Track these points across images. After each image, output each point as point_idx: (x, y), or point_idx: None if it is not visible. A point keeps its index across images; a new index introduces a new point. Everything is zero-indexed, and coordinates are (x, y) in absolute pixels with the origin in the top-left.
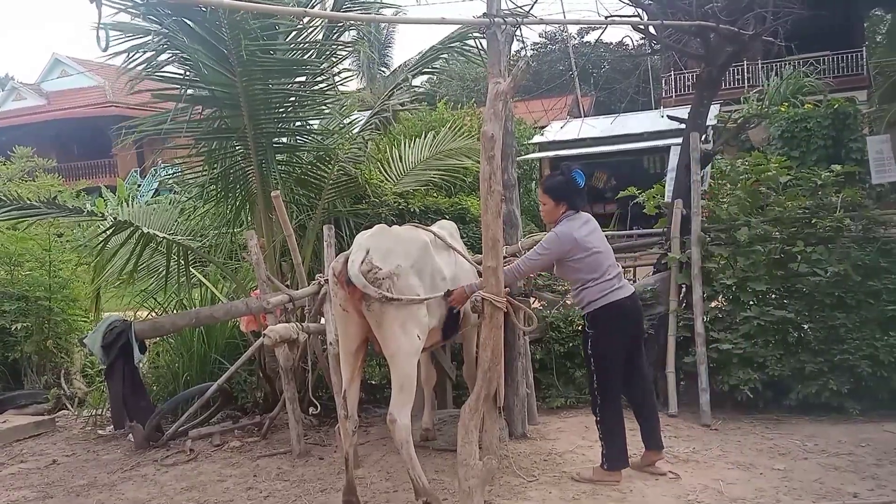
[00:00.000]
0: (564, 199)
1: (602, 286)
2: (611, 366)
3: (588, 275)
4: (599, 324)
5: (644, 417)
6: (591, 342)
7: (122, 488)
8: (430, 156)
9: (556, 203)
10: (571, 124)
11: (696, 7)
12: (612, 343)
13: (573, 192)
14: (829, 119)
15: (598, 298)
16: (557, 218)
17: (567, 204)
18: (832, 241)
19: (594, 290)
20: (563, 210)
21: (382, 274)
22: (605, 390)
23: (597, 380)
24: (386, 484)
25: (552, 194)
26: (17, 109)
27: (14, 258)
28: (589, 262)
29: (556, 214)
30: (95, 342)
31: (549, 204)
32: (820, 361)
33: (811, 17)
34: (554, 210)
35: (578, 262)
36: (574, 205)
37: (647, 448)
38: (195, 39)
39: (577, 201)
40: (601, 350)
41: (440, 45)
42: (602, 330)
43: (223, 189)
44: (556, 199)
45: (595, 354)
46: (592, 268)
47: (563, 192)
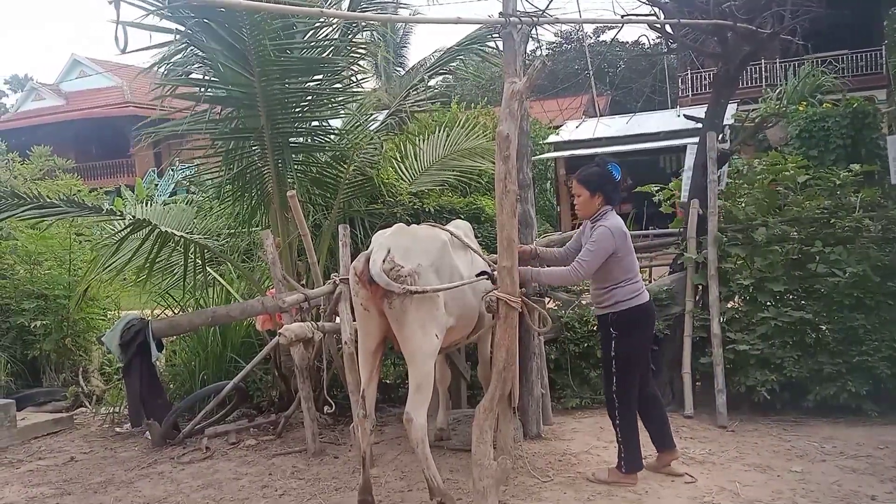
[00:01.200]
0: (600, 191)
1: (633, 287)
2: (632, 368)
3: (623, 274)
4: (625, 326)
5: (651, 420)
6: (614, 343)
7: (139, 485)
8: (445, 155)
9: (592, 195)
10: (587, 124)
11: (714, 5)
12: (636, 346)
13: (609, 184)
14: (847, 118)
15: (628, 300)
16: (595, 212)
17: (603, 196)
18: (851, 242)
19: (625, 291)
20: (600, 203)
21: (404, 272)
22: (625, 393)
23: (617, 382)
24: (400, 483)
25: (587, 185)
26: (36, 109)
27: (34, 257)
28: (627, 262)
29: (591, 207)
30: (113, 340)
31: (584, 195)
32: (838, 363)
33: (830, 16)
34: (589, 202)
35: (619, 260)
36: (610, 198)
37: (660, 450)
38: (215, 39)
39: (613, 195)
40: (624, 352)
41: (457, 48)
42: (627, 332)
43: (239, 189)
44: (591, 191)
45: (618, 356)
46: (627, 268)
47: (598, 183)
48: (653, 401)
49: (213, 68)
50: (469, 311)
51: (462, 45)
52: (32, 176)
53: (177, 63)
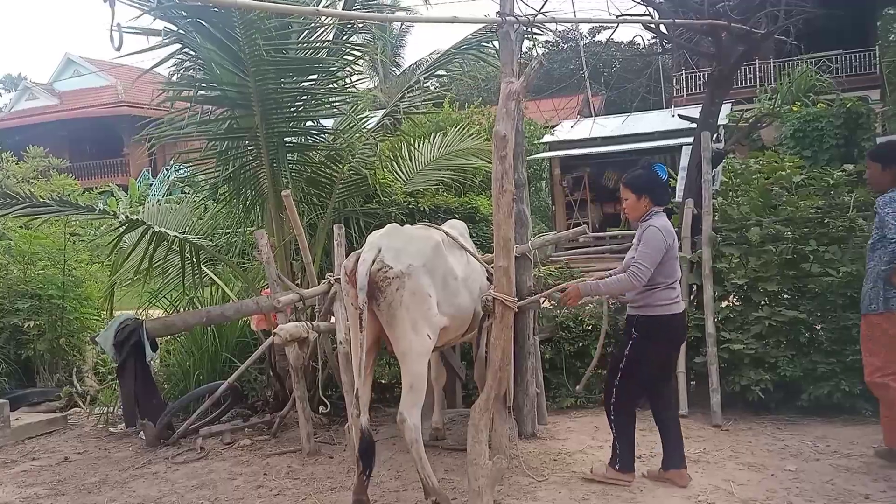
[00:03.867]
0: (646, 192)
1: (668, 293)
2: (641, 374)
3: (662, 278)
4: (648, 331)
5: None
6: (631, 345)
7: (133, 486)
8: (439, 155)
9: (638, 197)
10: (582, 124)
11: (708, 6)
12: (652, 353)
13: (656, 185)
14: (841, 118)
15: (660, 305)
16: (643, 213)
17: (650, 197)
18: (845, 241)
19: (661, 296)
20: (647, 205)
21: (393, 273)
22: (626, 393)
23: (620, 380)
24: (395, 483)
25: (633, 187)
26: (29, 109)
27: (27, 257)
28: (670, 265)
29: (640, 209)
30: (107, 340)
31: (631, 198)
32: (832, 362)
33: (823, 16)
34: (637, 204)
35: (665, 262)
36: (658, 199)
37: (668, 467)
38: (209, 39)
39: (661, 195)
40: (638, 356)
41: (455, 50)
42: (648, 338)
43: (234, 188)
44: (637, 193)
45: (630, 358)
46: (668, 272)
47: (644, 184)
48: (670, 419)
49: (207, 68)
50: (463, 311)
51: (459, 48)
52: (26, 176)
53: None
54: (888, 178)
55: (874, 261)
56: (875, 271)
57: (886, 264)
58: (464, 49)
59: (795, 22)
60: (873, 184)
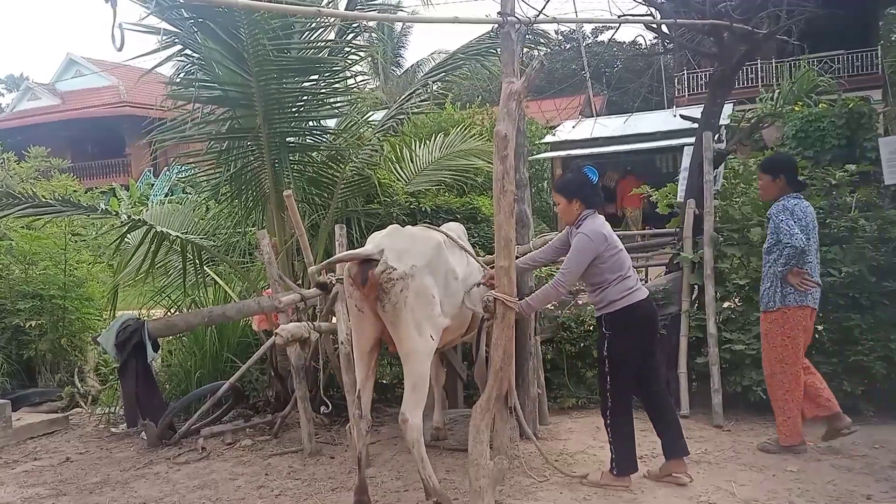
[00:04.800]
0: (577, 196)
1: (623, 286)
2: (626, 369)
3: (611, 274)
4: (617, 325)
5: (663, 424)
6: (607, 344)
7: (134, 486)
8: (441, 156)
9: (569, 201)
10: (583, 124)
11: (710, 6)
12: (629, 346)
13: (585, 189)
14: (843, 118)
15: (619, 299)
16: (576, 218)
17: (581, 201)
18: (847, 242)
19: (615, 290)
20: (579, 208)
21: (397, 274)
22: (617, 394)
23: (610, 382)
24: (397, 483)
25: (563, 192)
26: (31, 109)
27: (29, 257)
28: (613, 262)
29: (571, 213)
30: (109, 340)
31: (563, 203)
32: (834, 362)
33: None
34: (568, 208)
35: (605, 261)
36: (589, 202)
37: (669, 458)
38: (212, 39)
39: (591, 198)
40: (617, 352)
41: (462, 55)
42: (620, 332)
43: (236, 189)
44: (567, 197)
45: (610, 357)
46: (615, 267)
47: (573, 189)
48: (663, 407)
49: (209, 68)
50: (464, 310)
51: (468, 53)
52: (28, 176)
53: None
54: (777, 187)
55: (769, 263)
56: (771, 272)
57: (783, 266)
58: (470, 55)
59: (797, 22)
60: (764, 193)
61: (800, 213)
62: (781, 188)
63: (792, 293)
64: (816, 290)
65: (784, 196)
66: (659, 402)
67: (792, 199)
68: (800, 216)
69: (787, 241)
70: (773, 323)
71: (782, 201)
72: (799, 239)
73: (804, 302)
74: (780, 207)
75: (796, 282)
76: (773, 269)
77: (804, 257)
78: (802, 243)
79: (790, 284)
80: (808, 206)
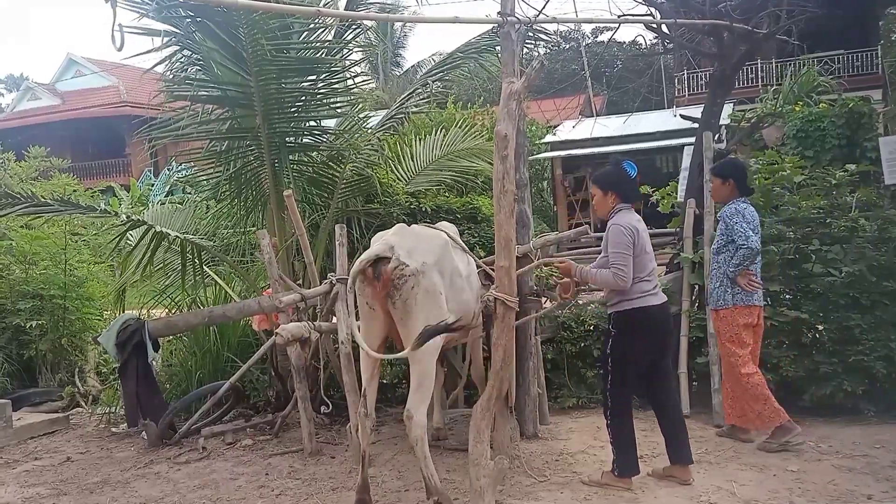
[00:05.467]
0: (613, 189)
1: (638, 287)
2: (627, 370)
3: (634, 273)
4: (625, 326)
5: (671, 429)
6: (611, 343)
7: (135, 486)
8: (441, 156)
9: (605, 193)
10: (584, 124)
11: (710, 5)
12: (634, 348)
13: (623, 182)
14: (843, 118)
15: (632, 299)
16: (610, 210)
17: (617, 194)
18: (847, 242)
19: (634, 289)
20: (614, 201)
21: (409, 271)
22: (618, 394)
23: (611, 382)
24: (397, 483)
25: (600, 184)
26: (32, 109)
27: (29, 256)
28: (639, 261)
29: (606, 205)
30: (109, 340)
31: (598, 194)
32: (834, 362)
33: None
34: (603, 200)
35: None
36: (626, 196)
37: (673, 463)
38: (212, 39)
39: (628, 192)
40: (620, 353)
41: (461, 54)
42: (626, 333)
43: (236, 188)
44: (604, 189)
45: (613, 356)
46: (637, 268)
47: (611, 181)
48: (672, 412)
49: (208, 68)
50: (467, 308)
51: (467, 53)
52: (28, 176)
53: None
54: (727, 190)
55: (719, 262)
56: (721, 272)
57: (735, 266)
58: (469, 54)
59: (797, 22)
60: (715, 196)
61: (749, 216)
62: (731, 191)
63: (740, 293)
64: (761, 289)
65: (734, 199)
66: (668, 407)
67: (742, 203)
68: (749, 219)
69: (743, 242)
70: (722, 321)
71: (733, 204)
72: (754, 241)
73: (751, 301)
74: (733, 210)
75: (744, 282)
76: (723, 269)
77: (758, 258)
78: (757, 245)
79: (738, 285)
80: (754, 209)
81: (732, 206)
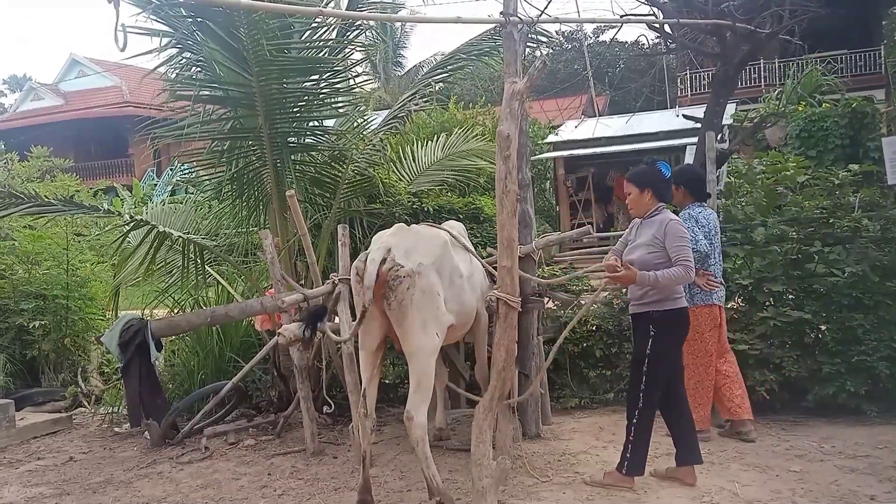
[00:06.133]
0: (648, 187)
1: (678, 287)
2: (664, 371)
3: None
4: (666, 326)
5: (680, 431)
6: (651, 342)
7: (138, 486)
8: (443, 156)
9: (641, 191)
10: (586, 124)
11: (712, 5)
12: (672, 348)
13: (658, 181)
14: (846, 118)
15: (675, 298)
16: (647, 209)
17: (653, 192)
18: (850, 242)
19: (673, 289)
20: (650, 199)
21: (404, 272)
22: (650, 395)
23: (646, 382)
24: (399, 483)
25: (636, 182)
26: (35, 109)
27: (32, 257)
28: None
29: (643, 203)
30: (112, 340)
31: (634, 192)
32: (837, 363)
33: (828, 16)
34: (639, 198)
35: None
36: (661, 195)
37: (680, 464)
38: (213, 39)
39: (663, 191)
40: (660, 353)
41: (464, 55)
42: (667, 332)
43: (238, 188)
44: (640, 188)
45: (653, 356)
46: None
47: (648, 180)
48: (683, 414)
49: (210, 68)
50: (467, 308)
51: (469, 53)
52: (31, 176)
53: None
54: (681, 196)
55: None
56: None
57: None
58: (472, 55)
59: (800, 22)
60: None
61: (703, 220)
62: (684, 197)
63: (699, 293)
64: (721, 288)
65: (689, 205)
66: (680, 408)
67: (696, 208)
68: (703, 223)
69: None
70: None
71: (687, 210)
72: (702, 245)
73: (710, 300)
74: (686, 216)
75: (702, 283)
76: None
77: (707, 260)
78: (706, 248)
79: (696, 285)
80: (711, 213)
81: (686, 211)
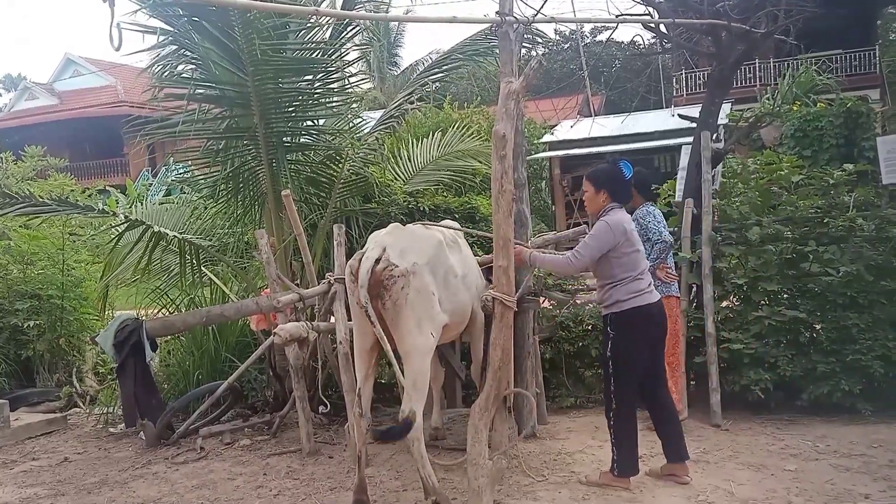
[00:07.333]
0: (605, 188)
1: (632, 287)
2: (629, 370)
3: (623, 273)
4: (622, 326)
5: (666, 428)
6: (611, 344)
7: (133, 486)
8: (439, 156)
9: (597, 191)
10: (582, 123)
11: (708, 5)
12: (633, 347)
13: (615, 181)
14: (841, 118)
15: (627, 300)
16: (600, 208)
17: (608, 192)
18: (844, 241)
19: (623, 290)
20: (605, 199)
21: (398, 272)
22: (621, 395)
23: (614, 384)
24: (395, 483)
25: (593, 181)
26: (29, 109)
27: (27, 257)
28: (628, 260)
29: (597, 203)
30: (107, 340)
31: (590, 191)
32: (832, 362)
33: (823, 16)
34: (594, 198)
35: (620, 257)
36: (617, 195)
37: (670, 461)
38: (208, 39)
39: (619, 192)
40: (621, 354)
41: (460, 55)
42: (624, 333)
43: (234, 188)
44: (596, 187)
45: (614, 358)
46: (629, 266)
47: (603, 180)
48: (665, 408)
49: (205, 68)
50: (462, 308)
51: (465, 53)
52: (25, 176)
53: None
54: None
55: None
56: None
57: (653, 261)
58: (468, 55)
59: (795, 21)
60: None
61: (658, 216)
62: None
63: (660, 285)
64: (675, 282)
65: (643, 204)
66: (663, 405)
67: (650, 206)
68: (659, 219)
69: (658, 238)
70: None
71: (644, 208)
72: (667, 236)
73: (669, 292)
74: (645, 212)
75: (663, 275)
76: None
77: (669, 251)
78: (671, 239)
79: (657, 278)
80: (659, 212)
81: (643, 209)
